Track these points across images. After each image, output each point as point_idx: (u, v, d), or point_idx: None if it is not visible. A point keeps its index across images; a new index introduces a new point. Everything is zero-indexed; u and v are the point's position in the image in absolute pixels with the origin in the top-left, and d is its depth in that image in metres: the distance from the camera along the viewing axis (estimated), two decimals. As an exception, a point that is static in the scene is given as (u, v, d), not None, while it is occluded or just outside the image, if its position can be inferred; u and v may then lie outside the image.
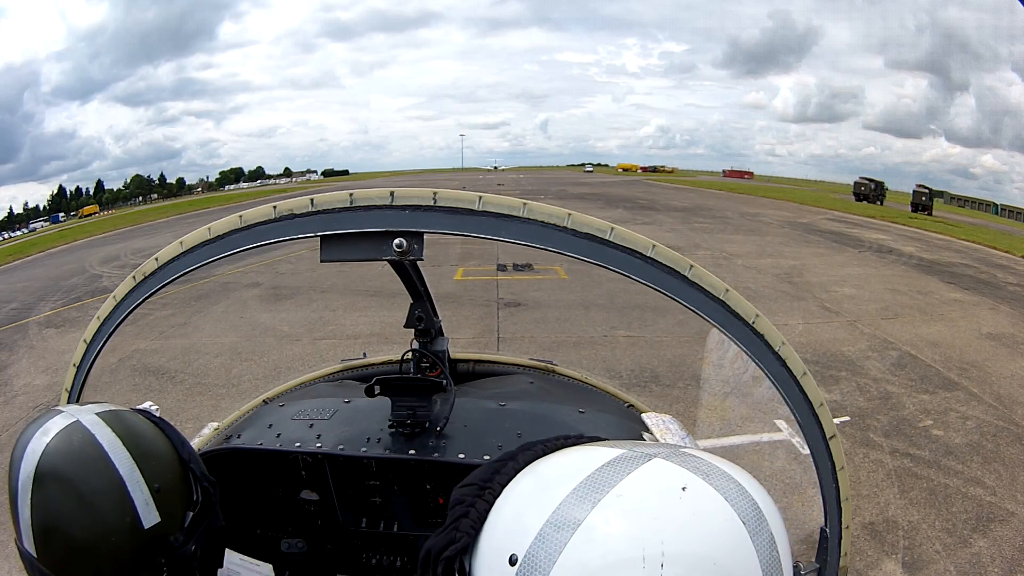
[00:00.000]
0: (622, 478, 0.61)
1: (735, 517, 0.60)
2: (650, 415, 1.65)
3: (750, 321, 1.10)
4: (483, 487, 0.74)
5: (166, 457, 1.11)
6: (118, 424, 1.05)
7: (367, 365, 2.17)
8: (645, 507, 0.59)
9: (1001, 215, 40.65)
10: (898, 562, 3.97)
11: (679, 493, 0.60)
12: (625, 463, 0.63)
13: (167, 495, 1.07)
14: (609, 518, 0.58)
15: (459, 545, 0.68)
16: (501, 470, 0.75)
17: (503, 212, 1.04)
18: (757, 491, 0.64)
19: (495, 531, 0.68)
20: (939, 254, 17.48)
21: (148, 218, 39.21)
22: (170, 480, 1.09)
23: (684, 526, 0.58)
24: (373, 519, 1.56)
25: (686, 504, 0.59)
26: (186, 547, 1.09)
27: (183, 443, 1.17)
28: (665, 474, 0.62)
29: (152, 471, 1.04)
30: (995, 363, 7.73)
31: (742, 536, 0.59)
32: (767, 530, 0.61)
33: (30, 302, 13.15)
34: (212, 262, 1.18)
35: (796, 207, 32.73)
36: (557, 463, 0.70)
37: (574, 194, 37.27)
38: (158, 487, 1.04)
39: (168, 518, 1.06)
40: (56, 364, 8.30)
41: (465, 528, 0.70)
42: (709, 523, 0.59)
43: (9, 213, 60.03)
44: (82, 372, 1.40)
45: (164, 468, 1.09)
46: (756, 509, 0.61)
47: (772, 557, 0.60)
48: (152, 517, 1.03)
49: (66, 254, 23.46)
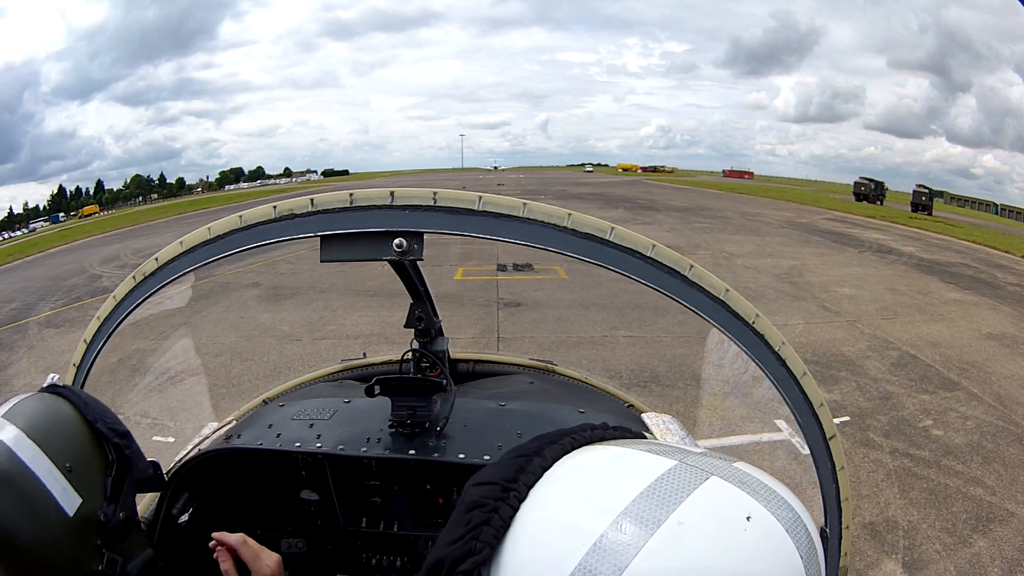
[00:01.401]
0: (679, 502, 0.55)
1: (795, 551, 0.56)
2: (650, 415, 1.65)
3: (750, 321, 1.10)
4: (507, 488, 0.64)
5: (69, 429, 1.09)
6: (16, 417, 1.03)
7: (367, 365, 2.17)
8: (709, 540, 0.53)
9: (1001, 215, 40.64)
10: (898, 562, 3.96)
11: (743, 524, 0.55)
12: (680, 481, 0.57)
13: (80, 470, 1.04)
14: (668, 553, 0.52)
15: (479, 558, 0.60)
16: (526, 468, 0.66)
17: (503, 212, 1.04)
18: (805, 515, 0.60)
19: (521, 546, 0.59)
20: (939, 254, 17.48)
21: (148, 218, 39.21)
22: (79, 452, 1.07)
23: (748, 563, 0.53)
24: (373, 519, 1.56)
25: (750, 538, 0.54)
26: (115, 517, 1.07)
27: (86, 403, 1.14)
28: (727, 500, 0.57)
29: (59, 452, 1.02)
30: (995, 363, 7.72)
31: (799, 572, 0.56)
32: (817, 563, 0.58)
33: (30, 302, 13.14)
34: (212, 262, 1.18)
35: (796, 207, 32.73)
36: (596, 470, 0.63)
37: (574, 194, 37.27)
38: (68, 465, 1.02)
39: (88, 494, 1.04)
40: (56, 364, 8.29)
41: (487, 538, 0.61)
42: (773, 561, 0.55)
43: (9, 213, 60.06)
44: (82, 372, 1.40)
45: (70, 442, 1.07)
46: (811, 541, 0.58)
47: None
48: (73, 500, 1.01)
49: (66, 254, 23.45)
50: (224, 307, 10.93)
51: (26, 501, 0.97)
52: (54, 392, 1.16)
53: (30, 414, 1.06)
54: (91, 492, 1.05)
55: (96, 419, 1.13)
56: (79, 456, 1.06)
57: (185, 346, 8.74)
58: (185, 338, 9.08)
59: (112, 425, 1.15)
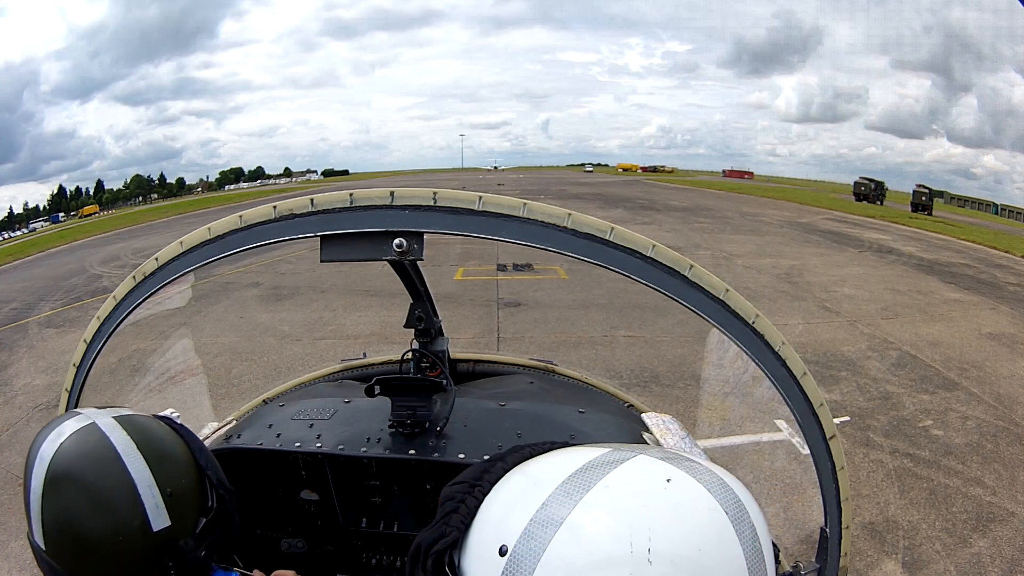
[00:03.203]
0: (607, 473, 0.63)
1: (718, 507, 0.61)
2: (650, 415, 1.65)
3: (750, 321, 1.10)
4: (473, 485, 0.75)
5: (182, 462, 1.11)
6: (133, 428, 1.05)
7: (367, 365, 2.17)
8: (631, 500, 0.61)
9: (1001, 215, 40.67)
10: (898, 562, 3.96)
11: (663, 485, 0.62)
12: (611, 460, 0.66)
13: (180, 500, 1.06)
14: (595, 514, 0.60)
15: (449, 539, 0.70)
16: (491, 469, 0.77)
17: (503, 212, 1.04)
18: (738, 486, 0.66)
19: (484, 527, 0.69)
20: (939, 254, 17.48)
21: (148, 218, 39.21)
22: (184, 485, 1.08)
23: (669, 518, 0.60)
24: (373, 519, 1.56)
25: (671, 496, 0.61)
26: (195, 552, 1.08)
27: (202, 450, 1.17)
28: (649, 468, 0.64)
29: (165, 475, 1.04)
30: (995, 363, 7.72)
31: (725, 526, 0.61)
32: (749, 521, 0.63)
33: (30, 302, 13.14)
34: (212, 262, 1.18)
35: (796, 207, 32.73)
36: (546, 462, 0.72)
37: (574, 194, 37.27)
38: (170, 491, 1.04)
39: (179, 522, 1.05)
40: (56, 364, 8.30)
41: (455, 523, 0.71)
42: (693, 514, 0.61)
43: (9, 213, 60.11)
44: (82, 372, 1.40)
45: (178, 473, 1.08)
46: (738, 501, 0.63)
47: (755, 547, 0.62)
48: (162, 520, 1.02)
49: (66, 254, 23.45)
50: (224, 307, 10.93)
51: (112, 502, 0.98)
52: (170, 425, 1.17)
53: (144, 428, 1.07)
54: (182, 522, 1.06)
55: (207, 466, 1.15)
56: (181, 487, 1.07)
57: (185, 346, 8.74)
58: (185, 338, 9.08)
59: (220, 477, 1.17)
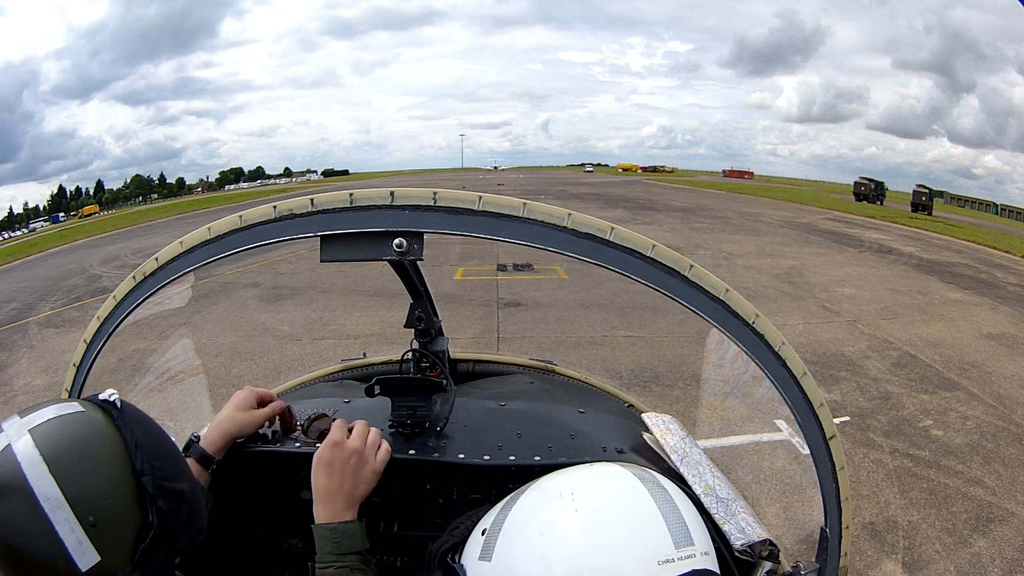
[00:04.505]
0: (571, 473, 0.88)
1: (630, 474, 0.82)
2: (650, 415, 1.64)
3: (750, 321, 1.10)
4: (473, 515, 0.99)
5: (108, 477, 0.91)
6: (47, 441, 0.87)
7: (367, 365, 2.17)
8: (569, 474, 0.85)
9: (1001, 215, 40.70)
10: (898, 562, 3.97)
11: (589, 467, 0.87)
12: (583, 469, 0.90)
13: (106, 527, 0.87)
14: (541, 486, 0.86)
15: (451, 542, 0.92)
16: (489, 510, 0.95)
17: (503, 212, 1.04)
18: (664, 479, 0.85)
19: (475, 533, 0.89)
20: (939, 254, 17.48)
21: (148, 218, 39.21)
22: (110, 507, 0.89)
23: (590, 476, 0.84)
24: (373, 519, 1.56)
25: (596, 469, 0.87)
26: None
27: (139, 446, 0.94)
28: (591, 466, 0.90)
29: (85, 501, 0.86)
30: (995, 363, 7.72)
31: (638, 486, 0.79)
32: (661, 486, 0.80)
33: (30, 302, 13.14)
34: (212, 262, 1.18)
35: (796, 207, 32.73)
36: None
37: (574, 194, 37.28)
38: (93, 520, 0.86)
39: (112, 553, 0.87)
40: (56, 364, 8.31)
41: (456, 534, 0.93)
42: (609, 474, 0.84)
43: (9, 213, 60.17)
44: (82, 372, 1.40)
45: (103, 493, 0.89)
46: (655, 479, 0.82)
47: (668, 503, 0.77)
48: (89, 557, 0.85)
49: (66, 254, 23.45)
50: (224, 307, 10.93)
51: (28, 546, 0.83)
52: (105, 412, 0.97)
53: (63, 441, 0.89)
54: (115, 553, 0.88)
55: (145, 469, 0.93)
56: (108, 511, 0.89)
57: (185, 346, 8.73)
58: (185, 338, 9.07)
59: (163, 480, 0.95)
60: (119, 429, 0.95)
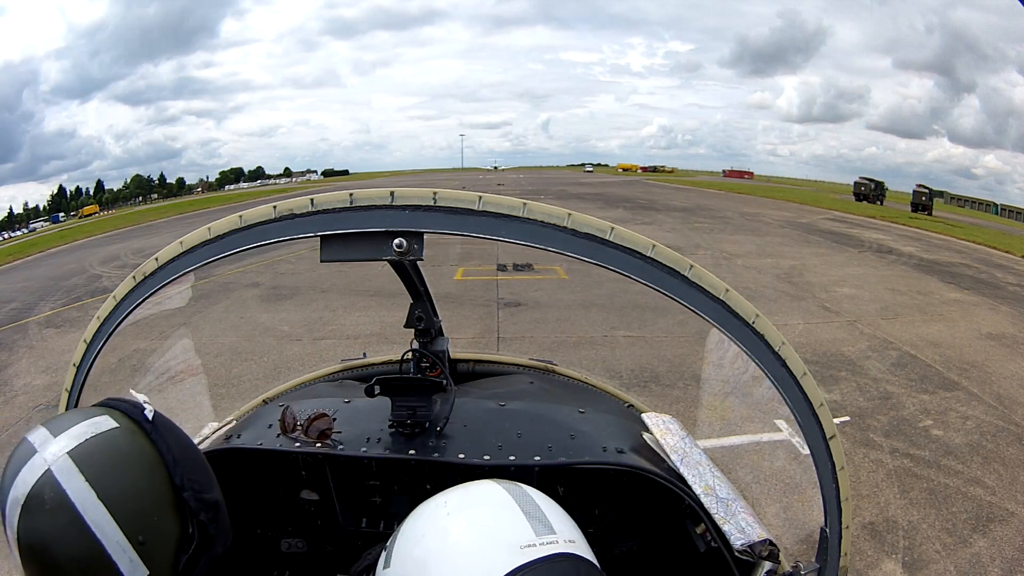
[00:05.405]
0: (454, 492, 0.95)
1: (496, 484, 0.90)
2: (650, 415, 1.64)
3: (750, 321, 1.10)
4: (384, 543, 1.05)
5: (153, 496, 0.95)
6: (91, 466, 0.89)
7: (367, 365, 2.17)
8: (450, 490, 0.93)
9: (1001, 215, 40.67)
10: (898, 562, 3.96)
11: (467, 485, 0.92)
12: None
13: (154, 542, 0.92)
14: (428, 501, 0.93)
15: (367, 562, 1.03)
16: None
17: (503, 212, 1.04)
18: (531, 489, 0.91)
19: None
20: (939, 254, 17.47)
21: (148, 218, 39.18)
22: (156, 524, 0.94)
23: (464, 487, 0.91)
24: (373, 519, 1.56)
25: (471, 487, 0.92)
26: None
27: (177, 462, 0.99)
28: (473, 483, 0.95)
29: (133, 520, 0.90)
30: (995, 363, 7.72)
31: (499, 488, 0.88)
32: (524, 489, 0.89)
33: (30, 302, 13.13)
34: (212, 262, 1.18)
35: (796, 207, 32.71)
36: None
37: (574, 194, 37.26)
38: (142, 539, 0.90)
39: (158, 567, 0.93)
40: (56, 364, 8.30)
41: (371, 557, 1.03)
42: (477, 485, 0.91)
43: (9, 213, 60.14)
44: (82, 372, 1.40)
45: (148, 509, 0.93)
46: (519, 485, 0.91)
47: (527, 499, 0.86)
48: (140, 573, 0.90)
49: (66, 254, 23.43)
50: (224, 307, 10.92)
51: (79, 570, 0.86)
52: (138, 424, 0.98)
53: (106, 465, 0.90)
54: (162, 564, 0.93)
55: (185, 484, 0.98)
56: (155, 527, 0.93)
57: (185, 346, 8.73)
58: (185, 338, 9.07)
59: (201, 493, 1.00)
60: (155, 443, 0.98)
